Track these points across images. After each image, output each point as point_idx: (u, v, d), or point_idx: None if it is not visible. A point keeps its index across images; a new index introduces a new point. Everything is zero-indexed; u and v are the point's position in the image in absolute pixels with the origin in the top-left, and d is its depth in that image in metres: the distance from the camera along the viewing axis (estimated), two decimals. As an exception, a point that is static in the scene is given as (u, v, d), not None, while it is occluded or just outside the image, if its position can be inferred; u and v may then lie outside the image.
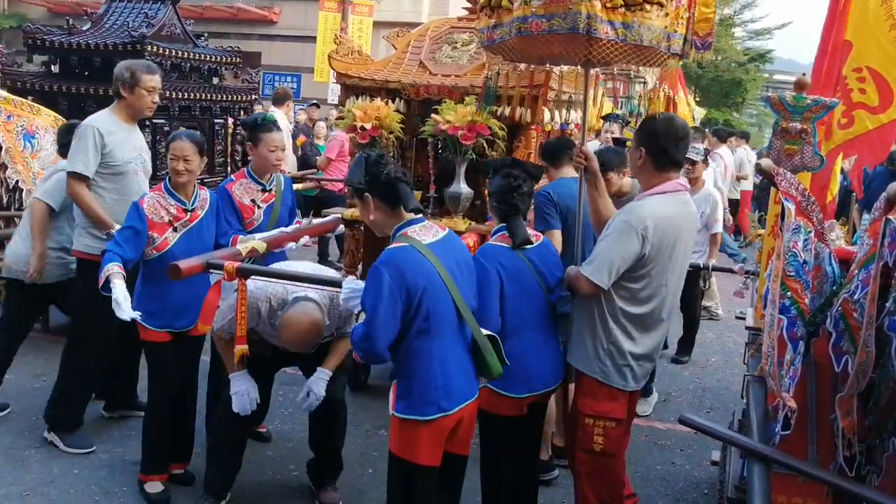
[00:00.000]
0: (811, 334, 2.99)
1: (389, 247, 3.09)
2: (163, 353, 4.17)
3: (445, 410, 3.09)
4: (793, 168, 3.16)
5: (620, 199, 4.61)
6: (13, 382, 5.30)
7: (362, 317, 3.10)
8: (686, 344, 7.23)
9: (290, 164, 9.87)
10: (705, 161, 7.13)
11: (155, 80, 4.70)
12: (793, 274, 2.82)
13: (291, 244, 4.47)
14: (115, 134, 4.61)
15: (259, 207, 4.46)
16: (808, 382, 2.99)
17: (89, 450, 4.62)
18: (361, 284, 3.22)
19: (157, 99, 4.78)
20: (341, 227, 5.24)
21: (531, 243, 3.60)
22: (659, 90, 3.91)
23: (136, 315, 3.80)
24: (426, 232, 3.16)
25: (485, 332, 3.23)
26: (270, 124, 4.52)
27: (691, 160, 6.36)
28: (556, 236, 4.41)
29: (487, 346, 3.19)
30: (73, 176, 4.53)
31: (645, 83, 4.85)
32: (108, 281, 3.81)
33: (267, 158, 4.46)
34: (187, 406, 4.36)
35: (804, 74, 3.54)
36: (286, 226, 4.54)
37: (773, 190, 3.78)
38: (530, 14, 3.35)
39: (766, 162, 3.04)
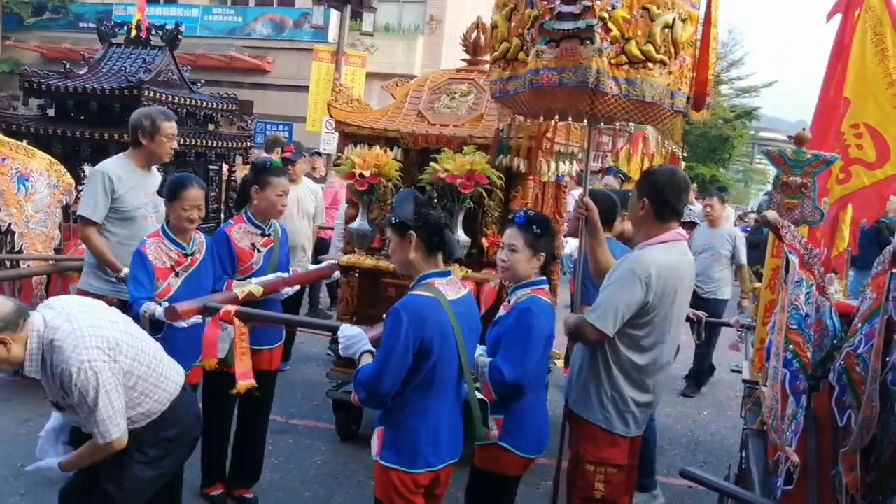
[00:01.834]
0: (812, 388, 2.98)
1: (414, 292, 3.06)
2: None
3: (432, 466, 3.08)
4: (793, 222, 3.19)
5: (627, 242, 4.56)
6: (-2, 427, 5.21)
7: (363, 360, 3.08)
8: None
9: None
10: (723, 200, 7.81)
11: (173, 127, 4.78)
12: (795, 327, 2.83)
13: (287, 289, 4.45)
14: (126, 180, 4.66)
15: (259, 251, 4.40)
16: (808, 437, 2.98)
17: None
18: (358, 330, 3.20)
19: (175, 145, 4.84)
20: (337, 274, 5.22)
21: None
22: (662, 147, 3.92)
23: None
24: (451, 287, 3.14)
25: (478, 395, 3.21)
26: (280, 169, 4.47)
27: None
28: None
29: (478, 410, 3.18)
30: (82, 220, 4.66)
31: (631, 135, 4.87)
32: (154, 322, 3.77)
33: (273, 203, 4.41)
34: None
35: (805, 129, 3.59)
36: (284, 271, 4.52)
37: (770, 243, 3.81)
38: (542, 67, 3.39)
39: (772, 214, 3.06)
